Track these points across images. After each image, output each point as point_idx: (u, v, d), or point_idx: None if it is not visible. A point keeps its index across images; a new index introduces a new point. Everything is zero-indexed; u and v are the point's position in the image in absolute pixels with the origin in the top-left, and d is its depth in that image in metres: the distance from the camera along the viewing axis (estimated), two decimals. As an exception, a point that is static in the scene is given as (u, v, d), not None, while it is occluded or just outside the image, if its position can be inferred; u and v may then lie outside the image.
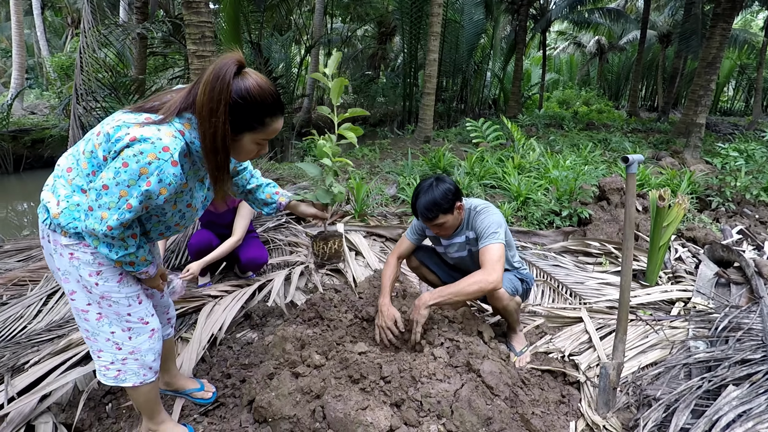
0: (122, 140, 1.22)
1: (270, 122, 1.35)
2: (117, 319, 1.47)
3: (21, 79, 13.01)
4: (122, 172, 1.21)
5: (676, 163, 6.91)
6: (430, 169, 6.24)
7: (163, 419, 1.75)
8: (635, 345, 2.32)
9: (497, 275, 1.98)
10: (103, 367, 1.53)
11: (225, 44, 7.50)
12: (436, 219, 2.09)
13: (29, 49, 19.62)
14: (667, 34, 19.22)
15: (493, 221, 2.10)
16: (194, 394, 2.03)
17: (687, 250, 3.63)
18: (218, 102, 1.23)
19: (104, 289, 1.41)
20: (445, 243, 2.34)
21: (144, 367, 1.56)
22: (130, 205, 1.24)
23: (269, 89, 1.32)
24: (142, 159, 1.20)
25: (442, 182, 2.11)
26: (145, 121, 1.26)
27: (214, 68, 1.25)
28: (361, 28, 18.75)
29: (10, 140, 8.89)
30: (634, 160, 1.82)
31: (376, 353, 1.92)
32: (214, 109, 1.24)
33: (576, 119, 14.16)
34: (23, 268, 3.16)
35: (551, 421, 1.92)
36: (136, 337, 1.52)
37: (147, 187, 1.23)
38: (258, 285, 2.99)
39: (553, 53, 29.70)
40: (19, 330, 2.44)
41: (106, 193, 1.24)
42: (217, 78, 1.23)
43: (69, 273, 1.40)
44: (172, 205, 1.41)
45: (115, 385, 1.56)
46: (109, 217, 1.25)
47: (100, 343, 1.50)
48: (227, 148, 1.32)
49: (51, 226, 1.37)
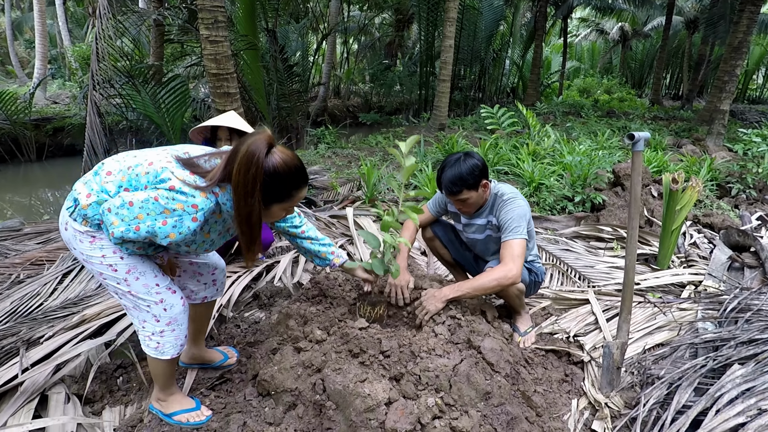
0: (165, 183, 1.38)
1: (296, 193, 1.49)
2: (147, 293, 1.55)
3: (43, 69, 13.30)
4: (151, 201, 1.37)
5: (697, 151, 6.72)
6: (443, 155, 6.20)
7: (174, 391, 1.81)
8: (642, 326, 2.29)
9: (517, 271, 1.98)
10: (146, 337, 1.62)
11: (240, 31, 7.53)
12: (459, 194, 2.08)
13: (52, 39, 20.04)
14: (693, 20, 18.56)
15: (518, 214, 2.07)
16: (223, 365, 2.13)
17: (702, 235, 3.54)
18: (253, 184, 1.36)
19: (130, 262, 1.51)
20: (464, 221, 2.32)
21: (180, 338, 1.65)
22: (138, 228, 1.38)
23: (294, 164, 1.44)
24: (171, 203, 1.36)
25: (470, 157, 2.09)
26: (188, 181, 1.39)
27: (247, 149, 1.35)
28: (379, 16, 18.55)
29: (32, 129, 9.12)
30: (640, 138, 1.77)
31: (376, 329, 1.93)
32: (249, 191, 1.36)
33: (596, 107, 13.85)
34: (41, 249, 3.27)
35: (553, 398, 1.91)
36: (171, 308, 1.60)
37: (161, 226, 1.38)
38: (266, 266, 3.03)
39: (575, 40, 28.99)
40: (35, 307, 2.53)
41: (129, 208, 1.37)
42: (251, 161, 1.34)
43: (92, 257, 1.49)
44: (189, 249, 1.56)
45: (155, 356, 1.64)
46: (117, 227, 1.38)
47: (143, 314, 1.59)
48: (260, 223, 1.45)
49: (73, 215, 1.47)
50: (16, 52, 18.89)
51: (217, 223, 1.54)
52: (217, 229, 1.57)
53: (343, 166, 6.45)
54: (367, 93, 17.35)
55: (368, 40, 20.33)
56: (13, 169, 8.81)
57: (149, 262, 1.57)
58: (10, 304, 2.50)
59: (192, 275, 1.89)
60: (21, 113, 8.98)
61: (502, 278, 1.97)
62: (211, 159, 1.48)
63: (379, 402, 1.58)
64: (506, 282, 1.98)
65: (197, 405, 1.83)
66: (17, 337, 2.12)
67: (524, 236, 2.05)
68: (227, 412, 1.81)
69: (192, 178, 1.40)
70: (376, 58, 19.33)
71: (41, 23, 13.39)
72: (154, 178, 1.41)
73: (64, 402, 1.85)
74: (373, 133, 9.51)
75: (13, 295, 2.59)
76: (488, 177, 2.14)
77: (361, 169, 4.91)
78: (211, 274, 1.92)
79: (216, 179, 1.40)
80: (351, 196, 4.71)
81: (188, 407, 1.80)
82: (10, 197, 7.10)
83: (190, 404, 1.81)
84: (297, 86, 9.28)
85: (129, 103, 6.49)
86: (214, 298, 1.98)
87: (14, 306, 2.49)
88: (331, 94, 16.40)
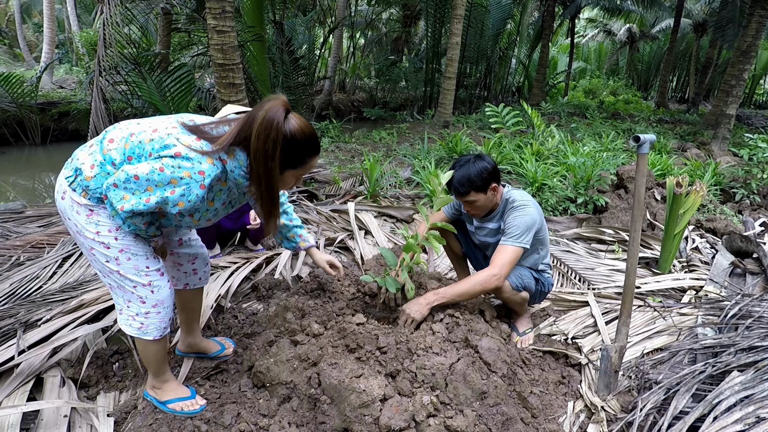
0: (169, 150, 1.35)
1: (309, 160, 1.50)
2: (137, 273, 1.52)
3: (51, 53, 13.27)
4: (156, 172, 1.33)
5: (702, 155, 6.68)
6: (447, 153, 6.17)
7: (168, 378, 1.80)
8: (641, 330, 2.28)
9: (501, 275, 2.00)
10: (129, 317, 1.60)
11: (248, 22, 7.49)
12: (467, 195, 2.08)
13: (60, 24, 19.98)
14: (702, 23, 18.43)
15: (522, 222, 2.06)
16: (219, 355, 2.13)
17: (705, 240, 3.52)
18: (273, 149, 1.36)
19: (123, 243, 1.48)
20: (476, 224, 2.32)
21: (164, 321, 1.63)
22: (148, 200, 1.35)
23: (310, 131, 1.44)
24: (177, 172, 1.33)
25: (481, 160, 2.08)
26: (194, 146, 1.37)
27: (266, 114, 1.35)
28: (386, 11, 18.45)
29: (38, 112, 9.11)
30: (645, 140, 1.75)
31: (374, 325, 1.93)
32: (270, 155, 1.36)
33: (601, 109, 13.78)
34: (42, 233, 3.27)
35: (549, 400, 1.91)
36: (158, 291, 1.58)
37: (169, 195, 1.35)
38: (265, 258, 3.03)
39: (582, 41, 28.81)
40: (34, 289, 2.53)
41: (135, 182, 1.34)
42: (271, 124, 1.34)
43: (85, 230, 1.45)
44: (193, 219, 1.54)
45: (137, 337, 1.62)
46: (128, 201, 1.36)
47: (128, 295, 1.56)
48: (279, 189, 1.47)
49: (73, 185, 1.43)
50: (24, 36, 18.87)
51: (222, 191, 1.51)
52: (222, 198, 1.54)
53: (346, 161, 6.43)
54: (372, 88, 17.27)
55: (375, 35, 20.23)
56: (17, 152, 8.81)
57: (142, 244, 1.53)
58: (9, 285, 2.50)
59: (172, 265, 1.86)
60: (27, 97, 8.96)
61: (485, 282, 1.99)
62: (219, 126, 1.45)
63: (374, 398, 1.58)
64: (489, 286, 2.00)
65: (192, 394, 1.82)
66: (15, 319, 2.13)
67: (522, 244, 2.04)
68: (222, 402, 1.81)
69: (198, 144, 1.38)
70: (383, 53, 19.24)
71: (50, 7, 13.35)
72: (159, 144, 1.37)
73: (60, 385, 1.85)
74: (377, 129, 9.48)
75: (13, 277, 2.59)
76: (499, 181, 2.13)
77: (363, 164, 4.90)
78: (191, 263, 1.88)
79: (226, 144, 1.37)
80: (353, 191, 4.70)
81: (183, 396, 1.79)
82: (14, 180, 7.11)
83: (185, 393, 1.81)
84: (302, 79, 9.25)
85: (134, 91, 6.47)
86: (197, 286, 1.94)
87: (13, 288, 2.49)
88: (336, 88, 16.33)
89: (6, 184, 6.71)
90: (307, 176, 4.78)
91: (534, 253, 2.25)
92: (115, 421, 1.75)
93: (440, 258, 3.31)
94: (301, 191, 4.45)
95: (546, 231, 2.26)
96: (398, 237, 3.74)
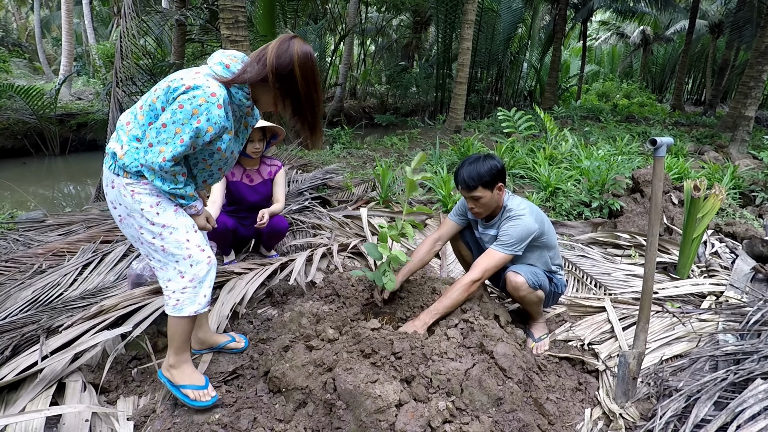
0: (179, 89, 1.48)
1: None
2: (178, 247, 1.66)
3: (69, 65, 13.64)
4: (178, 112, 1.47)
5: (720, 158, 6.57)
6: (459, 158, 6.16)
7: (186, 359, 1.82)
8: (660, 336, 2.24)
9: (479, 276, 2.06)
10: (167, 296, 1.71)
11: (260, 31, 7.62)
12: (475, 189, 2.09)
13: (78, 37, 20.54)
14: (718, 24, 18.16)
15: (516, 232, 2.09)
16: (228, 346, 2.19)
17: (725, 245, 3.45)
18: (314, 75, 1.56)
19: (164, 219, 1.64)
20: (481, 230, 2.34)
21: (200, 295, 1.72)
22: (183, 140, 1.49)
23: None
24: (194, 101, 1.47)
25: (491, 158, 2.12)
26: (196, 74, 1.52)
27: (304, 49, 1.54)
28: (397, 18, 18.57)
29: (57, 123, 9.36)
30: (662, 143, 1.74)
31: (388, 330, 1.93)
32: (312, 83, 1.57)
33: (615, 112, 13.63)
34: (62, 241, 3.34)
35: (566, 407, 1.88)
36: (196, 265, 1.69)
37: (197, 125, 1.48)
38: (280, 264, 3.05)
39: (594, 44, 28.63)
40: (55, 296, 2.59)
41: (164, 130, 1.49)
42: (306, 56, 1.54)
43: (134, 210, 1.62)
44: (222, 153, 1.66)
45: (172, 314, 1.71)
46: (165, 152, 1.49)
47: (169, 272, 1.69)
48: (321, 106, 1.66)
49: (115, 171, 1.60)
50: (43, 50, 19.41)
51: (233, 117, 1.65)
52: (230, 146, 1.68)
53: (358, 167, 6.46)
54: (383, 94, 17.36)
55: (385, 41, 20.35)
56: (38, 162, 9.04)
57: (183, 217, 1.68)
58: (32, 292, 2.56)
59: None
60: (47, 108, 9.22)
61: (465, 284, 2.06)
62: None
63: (390, 403, 1.58)
64: (471, 287, 2.07)
65: (206, 383, 1.83)
66: (38, 325, 2.17)
67: (511, 252, 2.10)
68: (238, 407, 1.82)
69: (203, 76, 1.52)
70: (393, 59, 19.34)
71: (68, 22, 13.73)
72: (166, 93, 1.52)
73: (81, 390, 1.89)
74: (388, 135, 9.51)
75: (35, 284, 2.66)
76: (505, 181, 2.15)
77: (375, 170, 4.91)
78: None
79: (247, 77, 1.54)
80: (365, 197, 4.71)
81: (197, 383, 1.80)
82: (34, 189, 7.29)
83: (200, 381, 1.82)
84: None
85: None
86: None
87: (36, 294, 2.55)
88: (348, 94, 16.44)
89: (27, 194, 6.88)
90: (320, 182, 4.81)
91: (542, 255, 2.26)
92: (135, 425, 1.77)
93: (454, 263, 3.30)
94: (314, 197, 4.48)
95: (551, 234, 2.26)
96: (409, 242, 3.74)
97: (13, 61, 16.88)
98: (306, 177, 4.86)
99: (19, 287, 2.59)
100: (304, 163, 5.69)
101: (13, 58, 17.52)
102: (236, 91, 1.60)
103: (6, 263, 2.95)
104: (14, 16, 26.66)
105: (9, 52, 16.92)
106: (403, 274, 2.27)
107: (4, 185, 6.97)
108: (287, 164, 5.18)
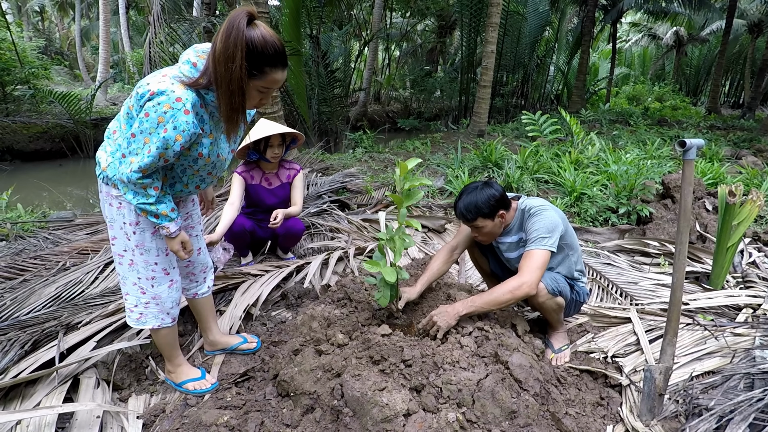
0: (145, 95, 1.39)
1: (270, 71, 1.42)
2: (144, 267, 1.70)
3: (106, 72, 14.18)
4: (145, 121, 1.40)
5: (759, 162, 6.24)
6: (481, 162, 6.06)
7: (180, 362, 1.99)
8: (690, 351, 2.11)
9: (532, 282, 1.91)
10: (128, 309, 1.78)
11: (285, 37, 7.71)
12: (474, 221, 2.06)
13: (115, 45, 21.42)
14: (758, 23, 17.42)
15: (544, 225, 1.99)
16: (240, 348, 2.24)
17: (763, 254, 3.25)
18: (234, 48, 1.33)
19: (140, 239, 1.65)
20: (498, 238, 2.26)
21: (163, 312, 1.79)
22: (150, 150, 1.41)
23: (273, 40, 1.39)
24: (159, 108, 1.37)
25: (489, 187, 2.05)
26: (163, 78, 1.42)
27: (228, 20, 1.35)
28: (421, 23, 18.54)
29: (92, 127, 9.71)
30: (691, 145, 1.63)
31: (399, 336, 1.87)
32: (230, 56, 1.34)
33: (646, 116, 13.20)
34: (88, 239, 3.43)
35: (586, 423, 1.79)
36: (158, 286, 1.74)
37: (164, 134, 1.39)
38: (296, 266, 3.04)
39: (624, 46, 27.88)
40: (77, 293, 2.64)
41: (133, 140, 1.43)
42: (232, 27, 1.33)
43: (114, 221, 1.64)
44: (206, 159, 1.58)
45: (138, 327, 1.80)
46: (135, 162, 1.43)
47: (128, 287, 1.74)
48: (243, 91, 1.41)
49: (104, 180, 1.59)
50: (83, 58, 20.28)
51: (212, 120, 1.54)
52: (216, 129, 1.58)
53: (378, 171, 6.43)
54: (406, 99, 17.34)
55: (410, 46, 20.36)
56: (74, 164, 9.38)
57: (157, 242, 1.68)
58: (55, 289, 2.62)
59: (185, 275, 2.02)
60: (83, 113, 9.59)
61: (515, 289, 1.91)
62: None
63: (397, 413, 1.53)
64: (520, 293, 1.91)
65: (202, 374, 2.01)
66: (58, 321, 2.23)
67: (548, 247, 1.96)
68: (246, 409, 1.80)
69: (169, 79, 1.41)
70: (417, 64, 19.30)
71: (105, 31, 14.30)
72: (138, 100, 1.42)
73: (94, 387, 1.92)
74: (410, 139, 9.47)
75: (59, 281, 2.72)
76: (507, 208, 2.09)
77: (395, 174, 4.87)
78: (203, 272, 2.07)
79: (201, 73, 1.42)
80: (384, 200, 4.68)
81: (194, 376, 1.98)
82: (70, 190, 7.56)
83: (196, 373, 1.99)
84: (338, 91, 9.39)
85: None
86: (206, 295, 2.11)
87: (59, 291, 2.61)
88: (371, 99, 16.50)
89: (63, 195, 7.15)
90: (339, 185, 4.80)
91: (566, 259, 2.16)
92: (144, 424, 1.79)
93: (472, 269, 3.22)
94: (332, 201, 4.48)
95: (573, 235, 2.17)
96: (429, 247, 3.68)
97: (55, 69, 17.66)
98: (325, 180, 4.86)
99: (44, 284, 2.65)
100: (324, 167, 5.70)
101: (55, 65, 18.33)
102: (206, 92, 1.47)
103: (34, 260, 3.05)
104: (57, 27, 28.00)
105: (51, 60, 17.71)
106: (421, 284, 2.21)
107: (41, 186, 7.27)
108: (307, 167, 5.20)
